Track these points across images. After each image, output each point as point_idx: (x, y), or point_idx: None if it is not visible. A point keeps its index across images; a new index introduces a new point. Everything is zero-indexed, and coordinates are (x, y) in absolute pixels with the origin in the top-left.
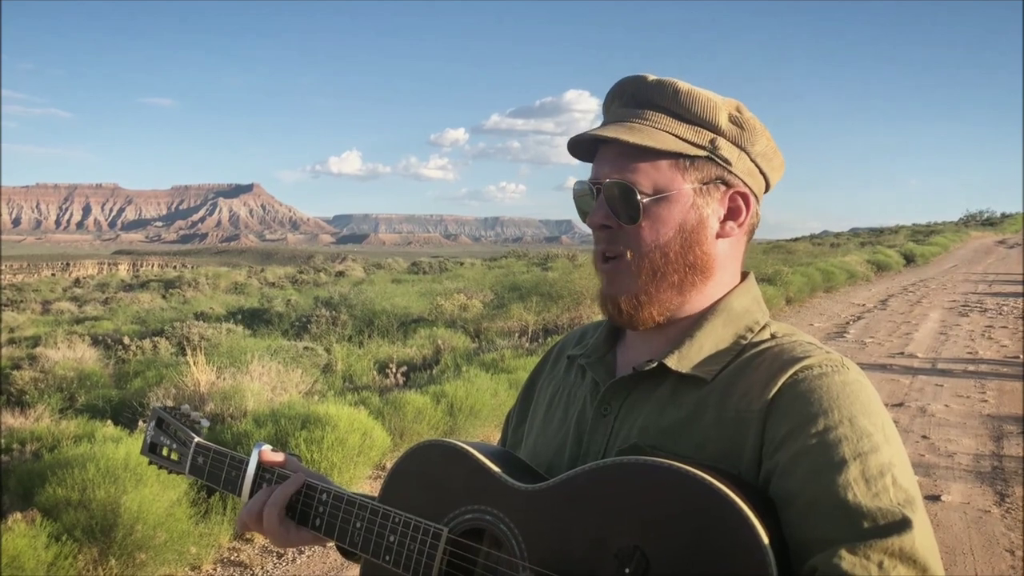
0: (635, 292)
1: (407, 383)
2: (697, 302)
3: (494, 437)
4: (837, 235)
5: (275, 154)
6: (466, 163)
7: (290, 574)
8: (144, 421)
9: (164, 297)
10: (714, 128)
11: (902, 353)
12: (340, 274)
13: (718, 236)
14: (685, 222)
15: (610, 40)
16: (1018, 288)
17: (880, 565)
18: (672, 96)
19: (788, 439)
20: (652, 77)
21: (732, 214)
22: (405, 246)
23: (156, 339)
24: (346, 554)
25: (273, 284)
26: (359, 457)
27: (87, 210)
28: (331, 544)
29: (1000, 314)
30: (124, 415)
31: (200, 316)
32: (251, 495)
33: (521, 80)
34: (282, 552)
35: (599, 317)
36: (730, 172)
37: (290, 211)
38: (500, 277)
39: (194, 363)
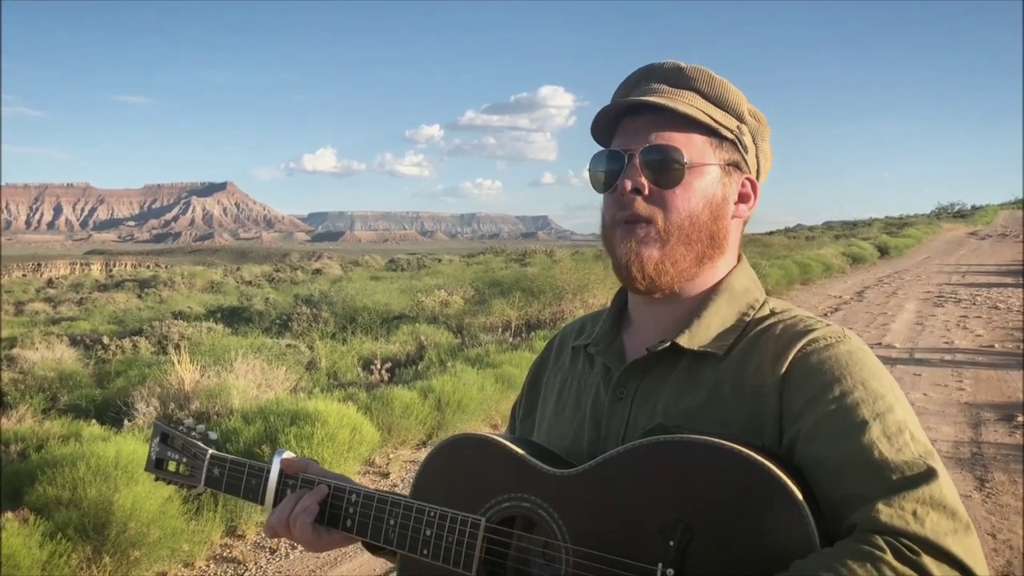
0: (662, 257)
1: (392, 379)
2: (705, 278)
3: (483, 431)
4: (811, 228)
5: (249, 152)
6: (442, 160)
7: (283, 570)
8: (130, 420)
9: (140, 297)
10: (740, 117)
11: (880, 343)
12: (317, 272)
13: (732, 216)
14: (713, 196)
15: (584, 37)
16: (991, 279)
17: (915, 514)
18: (707, 81)
19: (807, 408)
20: (685, 64)
21: (743, 198)
22: (381, 243)
23: (135, 339)
24: (374, 550)
25: (250, 283)
26: (349, 452)
27: (58, 210)
28: (359, 544)
29: (974, 304)
30: (108, 414)
31: (179, 315)
32: (275, 503)
33: (496, 76)
34: (274, 547)
35: (581, 311)
36: (744, 160)
37: (264, 209)
38: (479, 273)
39: (178, 362)
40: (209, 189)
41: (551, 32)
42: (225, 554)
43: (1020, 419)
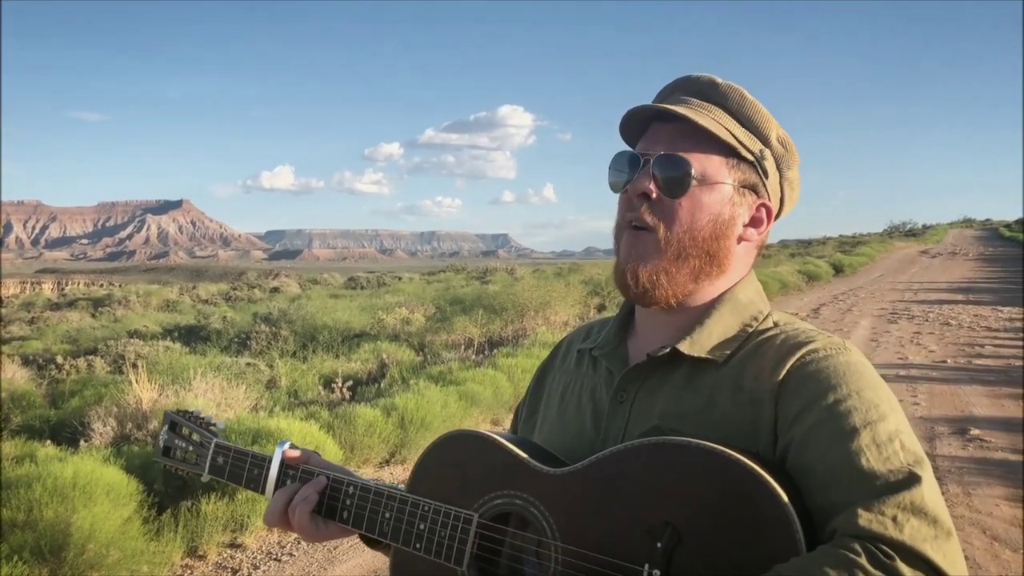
0: (657, 268)
1: (354, 397)
2: (706, 293)
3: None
4: (767, 247)
5: (205, 169)
6: (401, 177)
7: None
8: (86, 440)
9: (94, 316)
10: (765, 141)
11: None
12: (275, 290)
13: (740, 239)
14: (720, 214)
15: (544, 57)
16: (942, 296)
17: (894, 519)
18: (738, 101)
19: (801, 415)
20: (721, 80)
21: (754, 223)
22: (340, 261)
23: (90, 358)
24: (369, 542)
25: (206, 301)
26: None
27: (8, 228)
28: (355, 537)
29: (926, 320)
30: (64, 434)
31: (135, 334)
32: (275, 492)
33: (455, 95)
34: (236, 567)
35: (543, 328)
36: (764, 185)
37: (221, 227)
38: (440, 291)
39: (136, 380)
40: (165, 207)
41: (511, 52)
42: (186, 575)
43: (973, 432)
